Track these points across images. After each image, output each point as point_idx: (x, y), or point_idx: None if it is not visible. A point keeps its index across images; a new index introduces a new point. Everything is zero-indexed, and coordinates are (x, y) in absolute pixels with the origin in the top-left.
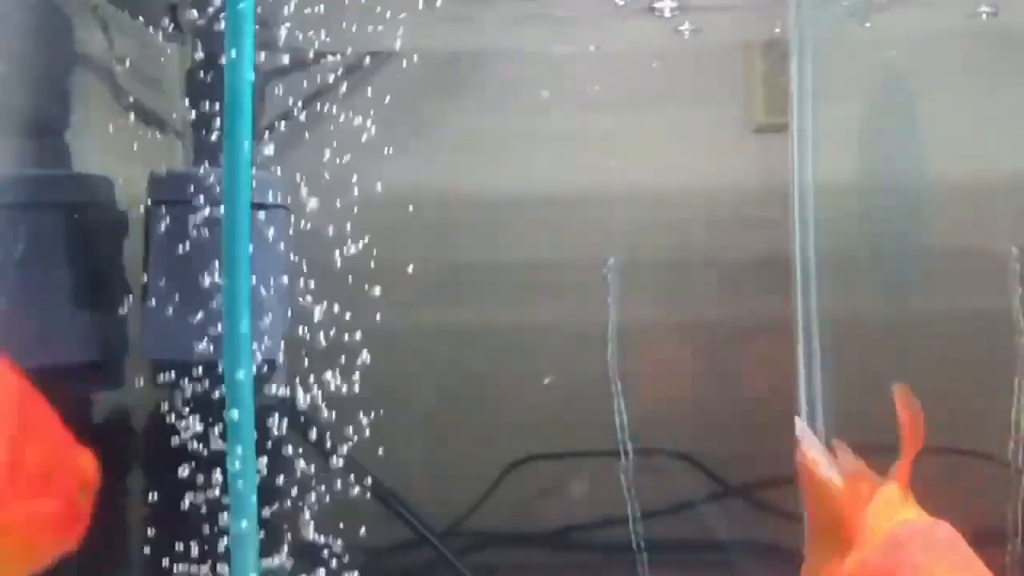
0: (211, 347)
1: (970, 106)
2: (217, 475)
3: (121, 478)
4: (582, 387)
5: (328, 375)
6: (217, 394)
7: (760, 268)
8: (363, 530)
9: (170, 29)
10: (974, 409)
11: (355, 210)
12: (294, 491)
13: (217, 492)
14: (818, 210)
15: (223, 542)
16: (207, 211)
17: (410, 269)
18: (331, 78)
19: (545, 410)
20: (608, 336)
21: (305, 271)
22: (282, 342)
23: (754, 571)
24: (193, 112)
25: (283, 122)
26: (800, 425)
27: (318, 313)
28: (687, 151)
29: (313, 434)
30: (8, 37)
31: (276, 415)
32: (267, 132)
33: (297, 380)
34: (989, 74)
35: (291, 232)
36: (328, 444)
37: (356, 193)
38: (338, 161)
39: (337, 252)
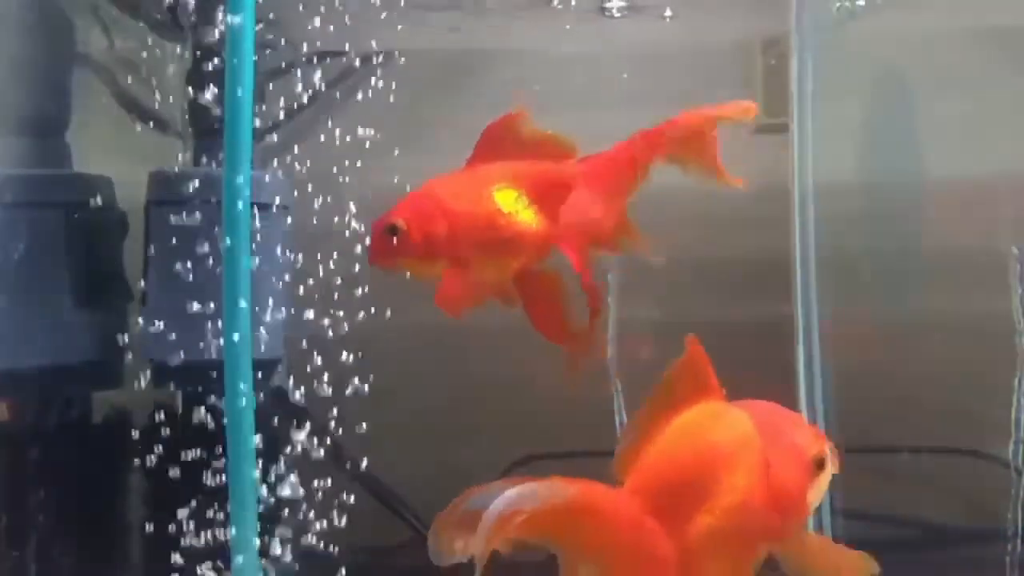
0: (211, 347)
1: (970, 106)
2: (217, 474)
3: (120, 477)
4: (582, 387)
5: (328, 375)
6: (217, 394)
7: (760, 268)
8: (363, 530)
9: (170, 29)
10: (974, 409)
11: (353, 209)
12: (294, 490)
13: (218, 492)
14: (818, 210)
15: (223, 542)
16: (206, 211)
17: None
18: (331, 78)
19: (545, 410)
20: (608, 336)
21: (304, 270)
22: (283, 340)
23: None
24: (193, 112)
25: (282, 122)
26: None
27: (318, 312)
28: None
29: (313, 433)
30: (8, 37)
31: (277, 413)
32: (268, 132)
33: (297, 380)
34: (989, 73)
35: (290, 231)
36: (328, 444)
37: (354, 193)
38: (338, 160)
39: (336, 252)
